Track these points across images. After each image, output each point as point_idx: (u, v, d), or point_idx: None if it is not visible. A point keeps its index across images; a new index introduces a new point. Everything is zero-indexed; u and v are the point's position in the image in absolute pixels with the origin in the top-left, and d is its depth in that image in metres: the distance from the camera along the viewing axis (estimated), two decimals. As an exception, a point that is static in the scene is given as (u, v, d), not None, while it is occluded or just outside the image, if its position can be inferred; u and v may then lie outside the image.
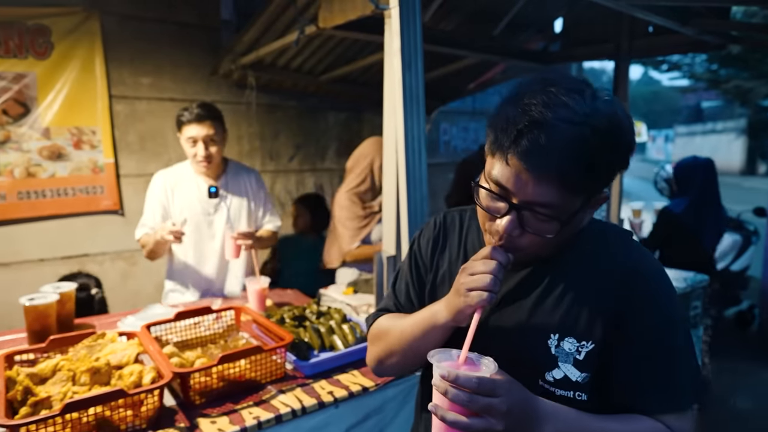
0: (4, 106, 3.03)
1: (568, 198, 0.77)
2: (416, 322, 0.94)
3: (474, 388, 0.71)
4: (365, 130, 4.72)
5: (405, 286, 1.07)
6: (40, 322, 1.67)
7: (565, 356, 0.85)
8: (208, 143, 2.19)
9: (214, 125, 2.20)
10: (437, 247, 1.04)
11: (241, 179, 2.39)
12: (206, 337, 1.74)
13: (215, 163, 2.25)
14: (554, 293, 0.88)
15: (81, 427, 1.12)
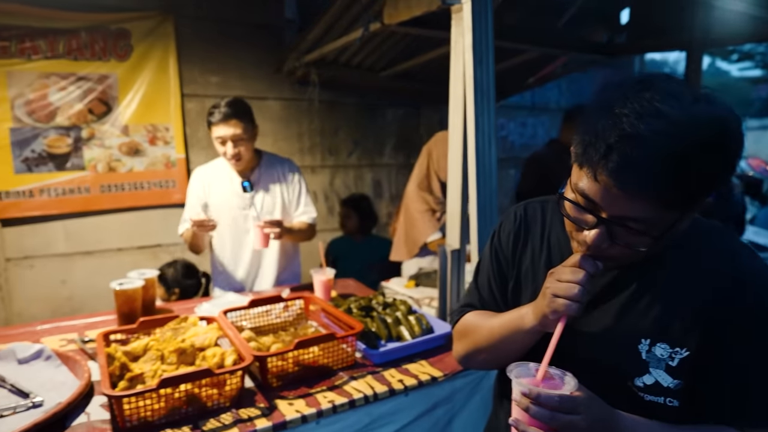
0: (90, 105, 3.24)
1: (663, 213, 0.72)
2: (504, 324, 0.93)
3: (555, 406, 0.71)
4: (422, 125, 4.72)
5: (487, 281, 1.06)
6: (129, 305, 1.79)
7: (657, 362, 0.82)
8: (236, 142, 2.20)
9: (242, 123, 2.19)
10: (519, 242, 1.02)
11: (274, 171, 2.40)
12: (277, 324, 1.81)
13: (245, 159, 2.27)
14: (646, 296, 0.84)
15: (173, 401, 1.20)
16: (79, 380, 1.34)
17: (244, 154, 2.24)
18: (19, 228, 3.22)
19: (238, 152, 2.21)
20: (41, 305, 3.38)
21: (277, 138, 4.01)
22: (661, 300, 0.83)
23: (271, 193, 2.36)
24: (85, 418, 1.21)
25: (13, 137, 3.06)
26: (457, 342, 1.07)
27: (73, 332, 1.80)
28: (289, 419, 1.22)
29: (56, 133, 3.18)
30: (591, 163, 0.73)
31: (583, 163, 0.75)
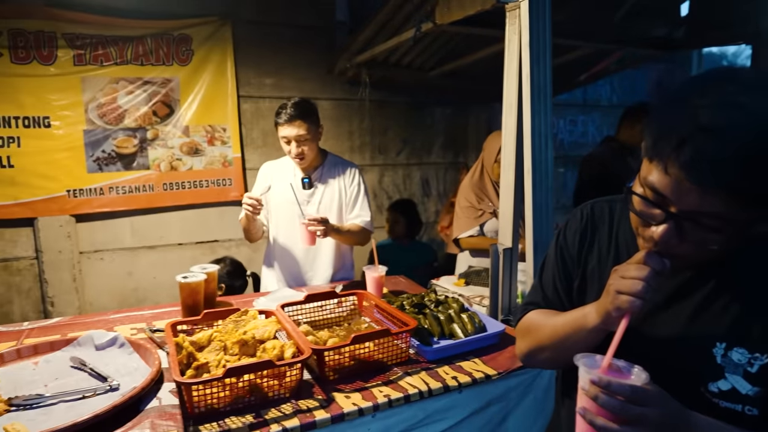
0: (154, 107, 3.40)
1: (738, 210, 0.68)
2: (567, 322, 0.92)
3: (627, 396, 0.69)
4: (471, 124, 4.68)
5: (552, 280, 1.05)
6: (192, 297, 1.87)
7: (734, 367, 0.78)
8: (300, 142, 2.27)
9: (306, 124, 2.25)
10: (585, 241, 1.00)
11: (336, 172, 2.44)
12: (331, 319, 1.84)
13: (308, 159, 2.33)
14: (722, 298, 0.81)
15: (237, 390, 1.25)
16: (150, 367, 1.42)
17: (308, 153, 2.31)
18: (90, 224, 3.42)
19: (302, 151, 2.29)
20: (110, 295, 3.58)
21: (327, 137, 4.07)
22: (739, 303, 0.79)
23: (330, 192, 2.41)
24: (156, 403, 1.27)
25: (86, 138, 3.25)
26: (520, 339, 1.07)
27: (142, 322, 1.89)
28: (347, 411, 1.25)
29: (124, 134, 3.35)
30: (662, 156, 0.71)
31: (653, 157, 0.73)
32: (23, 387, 1.34)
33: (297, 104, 2.28)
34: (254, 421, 1.20)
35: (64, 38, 3.10)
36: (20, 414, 1.21)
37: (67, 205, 3.26)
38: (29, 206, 3.18)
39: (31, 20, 3.01)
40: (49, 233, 3.28)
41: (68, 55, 3.13)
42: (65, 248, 3.33)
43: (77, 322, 1.91)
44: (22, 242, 3.30)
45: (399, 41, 2.93)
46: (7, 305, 3.34)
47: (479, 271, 2.65)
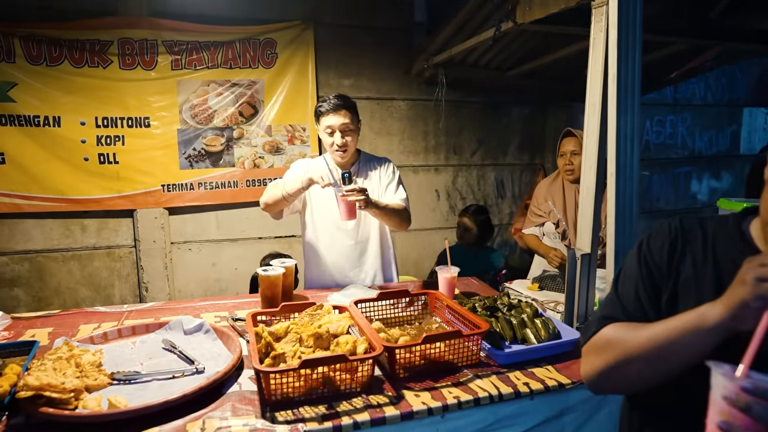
0: (241, 108, 3.58)
1: None
2: (672, 327, 0.83)
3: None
4: (549, 124, 4.53)
5: (634, 291, 0.97)
6: (271, 290, 1.95)
7: None
8: (345, 132, 2.20)
9: (350, 114, 2.21)
10: (675, 252, 0.94)
11: (372, 167, 2.39)
12: (402, 317, 1.86)
13: (350, 152, 2.27)
14: None
15: (311, 381, 1.29)
16: (232, 354, 1.50)
17: (351, 145, 2.25)
18: (181, 216, 3.67)
19: (346, 142, 2.22)
20: (196, 283, 3.82)
21: (404, 137, 4.10)
22: None
23: (368, 185, 2.33)
24: (237, 388, 1.34)
25: (179, 137, 3.49)
26: (593, 357, 0.98)
27: (225, 310, 2.00)
28: (416, 410, 1.25)
29: (213, 133, 3.56)
30: None
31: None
32: (123, 363, 1.47)
33: (341, 95, 2.25)
34: (327, 412, 1.23)
35: (164, 45, 3.35)
36: (121, 388, 1.32)
37: (161, 199, 3.52)
38: (130, 199, 3.46)
39: (137, 30, 3.29)
40: (145, 224, 3.55)
41: (167, 61, 3.37)
42: (159, 238, 3.59)
43: (168, 308, 2.05)
44: (123, 232, 3.60)
45: (478, 41, 2.89)
46: (109, 288, 3.66)
47: (554, 275, 2.56)
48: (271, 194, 2.24)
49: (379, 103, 3.99)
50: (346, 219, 2.11)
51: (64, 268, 3.54)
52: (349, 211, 2.08)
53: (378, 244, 2.38)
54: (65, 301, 3.56)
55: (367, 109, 3.95)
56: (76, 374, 1.32)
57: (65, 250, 3.52)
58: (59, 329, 1.78)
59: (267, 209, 2.31)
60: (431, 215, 4.32)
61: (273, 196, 2.22)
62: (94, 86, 3.25)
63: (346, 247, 2.36)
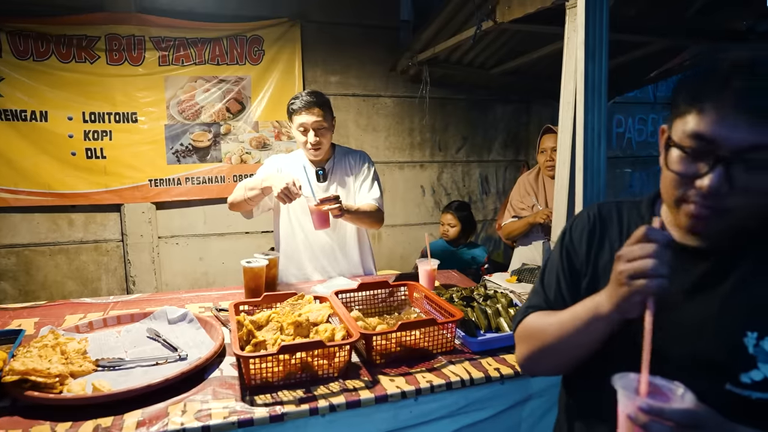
0: (228, 104, 3.60)
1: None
2: (576, 314, 0.87)
3: (679, 421, 0.65)
4: (533, 121, 4.60)
5: (555, 281, 1.00)
6: (255, 281, 1.99)
7: (766, 356, 0.74)
8: (318, 130, 2.17)
9: (323, 112, 2.16)
10: (594, 239, 0.96)
11: (346, 161, 2.35)
12: (382, 308, 1.90)
13: (323, 149, 2.23)
14: (750, 285, 0.77)
15: (290, 366, 1.33)
16: (215, 342, 1.54)
17: (324, 143, 2.21)
18: (168, 211, 3.69)
19: (319, 141, 2.19)
20: (183, 278, 3.84)
21: (389, 133, 4.14)
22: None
23: (343, 182, 2.33)
24: (219, 373, 1.39)
25: (166, 132, 3.50)
26: (520, 344, 1.02)
27: (209, 302, 2.04)
28: (390, 393, 1.30)
29: (200, 129, 3.58)
30: (704, 99, 0.72)
31: (693, 105, 0.74)
32: (108, 351, 1.50)
33: (314, 92, 2.21)
34: (304, 395, 1.27)
35: (151, 41, 3.36)
36: (105, 374, 1.36)
37: (149, 194, 3.53)
38: (117, 193, 3.48)
39: (125, 26, 3.30)
40: (133, 218, 3.57)
41: (154, 57, 3.39)
42: (146, 233, 3.61)
43: (154, 299, 2.08)
44: (110, 226, 3.61)
45: (460, 39, 2.94)
46: (96, 282, 3.67)
47: (532, 269, 2.62)
48: (236, 195, 2.23)
49: (366, 99, 4.03)
50: (318, 228, 2.10)
51: (51, 262, 3.55)
52: (322, 220, 2.06)
53: (356, 238, 2.39)
54: (52, 295, 3.57)
55: (354, 105, 3.99)
56: (61, 361, 1.36)
57: (52, 244, 3.52)
58: (45, 319, 1.80)
59: (232, 209, 2.31)
60: (417, 211, 4.37)
61: (237, 197, 2.22)
62: (82, 81, 3.26)
63: (324, 243, 2.34)
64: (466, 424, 1.40)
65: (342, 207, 2.02)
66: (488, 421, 1.42)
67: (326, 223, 2.08)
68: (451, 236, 3.50)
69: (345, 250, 2.37)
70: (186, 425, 1.14)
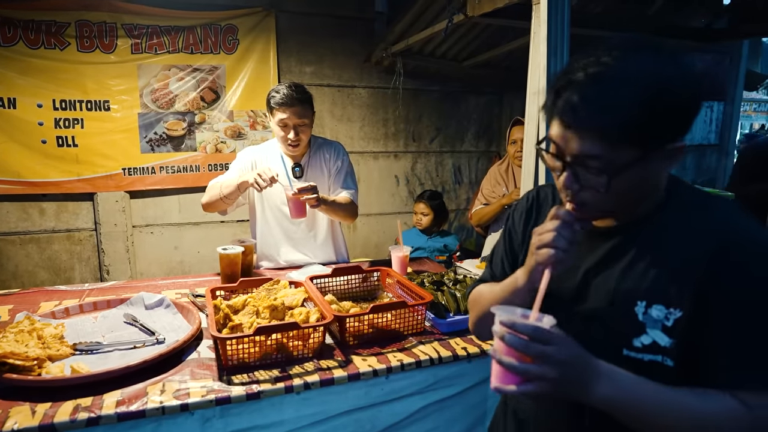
0: (202, 93, 3.58)
1: (612, 150, 0.75)
2: (503, 287, 0.98)
3: (530, 335, 0.74)
4: (505, 113, 4.68)
5: (500, 259, 1.11)
6: (231, 268, 2.02)
7: (653, 323, 0.83)
8: (299, 127, 2.13)
9: (304, 109, 2.12)
10: (530, 220, 1.05)
11: (321, 155, 2.32)
12: (356, 293, 1.96)
13: (302, 146, 2.21)
14: (643, 260, 0.86)
15: (266, 347, 1.38)
16: (192, 326, 1.57)
17: (304, 140, 2.19)
18: (142, 200, 3.65)
19: (299, 138, 2.16)
20: (158, 266, 3.82)
21: (364, 123, 4.17)
22: (656, 262, 0.84)
23: (319, 176, 2.31)
24: (196, 356, 1.42)
25: (140, 121, 3.46)
26: (470, 312, 1.13)
27: (186, 288, 2.06)
28: (362, 371, 1.36)
29: (174, 117, 3.55)
30: (549, 110, 0.82)
31: (546, 113, 0.84)
32: (85, 336, 1.52)
33: (296, 88, 2.12)
34: (280, 375, 1.32)
35: (123, 29, 3.30)
36: (83, 357, 1.38)
37: (122, 182, 3.50)
38: (90, 182, 3.43)
39: (96, 12, 3.23)
40: (106, 207, 3.53)
41: (127, 44, 3.34)
42: (120, 222, 3.57)
43: (130, 286, 2.09)
44: (83, 215, 3.56)
45: (432, 32, 2.99)
46: (70, 271, 3.62)
47: (501, 255, 2.71)
48: (210, 195, 2.18)
49: (340, 90, 4.05)
50: (295, 217, 2.10)
51: (22, 251, 3.48)
52: (299, 209, 2.06)
53: (329, 228, 2.41)
54: (23, 284, 3.51)
55: (329, 96, 4.01)
56: (38, 346, 1.37)
57: (23, 233, 3.46)
58: (20, 306, 1.80)
59: (207, 210, 2.27)
60: (391, 200, 4.43)
61: (212, 197, 2.17)
62: (51, 68, 3.19)
63: (299, 233, 2.35)
64: (434, 401, 1.47)
65: (319, 197, 2.02)
66: (456, 398, 1.50)
67: (303, 213, 2.08)
68: (424, 225, 3.56)
69: (319, 239, 2.40)
70: (165, 403, 1.18)
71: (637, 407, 0.77)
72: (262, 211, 2.35)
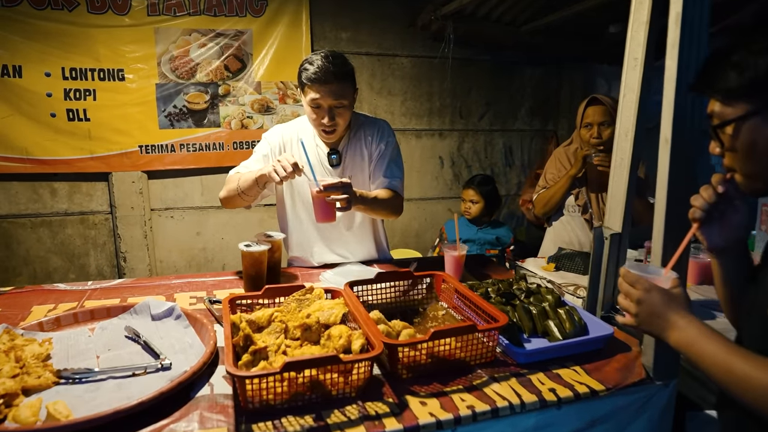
0: (226, 61, 3.30)
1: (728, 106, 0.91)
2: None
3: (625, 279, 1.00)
4: (564, 87, 4.26)
5: None
6: (255, 268, 1.75)
7: None
8: (335, 109, 1.79)
9: (343, 87, 1.77)
10: None
11: (362, 136, 1.98)
12: (403, 301, 1.66)
13: (340, 131, 1.88)
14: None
15: (297, 386, 1.10)
16: (205, 345, 1.30)
17: (341, 125, 1.85)
18: (161, 181, 3.43)
19: (336, 123, 1.82)
20: (179, 254, 3.62)
21: (406, 97, 3.84)
22: None
23: (358, 164, 1.99)
24: (208, 390, 1.15)
25: (158, 93, 3.22)
26: None
27: (203, 290, 1.81)
28: (423, 423, 1.06)
29: (195, 89, 3.29)
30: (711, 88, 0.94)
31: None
32: (76, 356, 1.28)
33: (334, 59, 1.76)
34: (314, 424, 1.04)
35: (138, -13, 3.04)
36: (69, 388, 1.13)
37: (139, 161, 3.28)
38: (104, 160, 3.22)
39: (106, -32, 2.98)
40: (122, 188, 3.32)
41: (142, 5, 3.08)
42: (137, 204, 3.37)
43: (139, 285, 1.85)
44: (98, 197, 3.37)
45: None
46: (84, 257, 3.45)
47: (572, 254, 2.36)
48: (228, 189, 1.90)
49: (380, 59, 3.71)
50: (321, 221, 1.75)
51: (33, 236, 3.32)
52: (326, 212, 1.69)
53: (369, 221, 2.12)
54: (35, 271, 3.36)
55: (367, 66, 3.68)
56: (14, 370, 1.13)
57: (33, 216, 3.29)
58: (8, 310, 1.58)
59: (226, 206, 1.97)
60: (434, 184, 4.10)
61: (231, 191, 1.89)
62: (60, 32, 2.97)
63: (335, 231, 2.06)
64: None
65: (351, 198, 1.65)
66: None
67: (331, 216, 1.71)
68: (473, 214, 3.22)
69: (357, 232, 2.09)
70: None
71: (695, 359, 0.90)
72: (292, 205, 2.07)
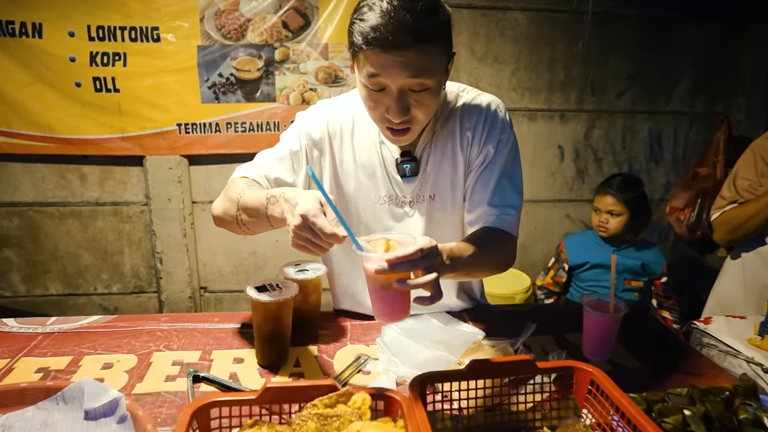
0: (285, 17, 2.76)
1: None
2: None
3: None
4: (745, 52, 3.28)
5: None
6: (269, 324, 1.16)
7: None
8: (412, 96, 1.12)
9: (428, 56, 1.07)
10: None
11: (456, 128, 1.32)
12: (516, 414, 0.99)
13: (417, 131, 1.22)
14: None
15: None
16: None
17: (423, 120, 1.18)
18: (205, 167, 3.00)
19: (412, 118, 1.15)
20: (225, 257, 3.19)
21: (518, 66, 3.10)
22: None
23: (450, 175, 1.34)
24: None
25: (200, 57, 2.75)
26: None
27: (198, 348, 1.26)
28: None
29: (246, 53, 2.78)
30: None
31: None
32: None
33: (407, 5, 1.02)
34: None
35: None
36: None
37: (177, 143, 2.84)
38: (136, 141, 2.82)
39: None
40: (157, 176, 2.92)
41: (183, -54, 2.60)
42: (175, 196, 2.95)
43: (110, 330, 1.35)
44: (132, 184, 2.99)
45: None
46: (118, 256, 3.11)
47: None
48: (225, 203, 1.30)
49: (485, 14, 2.99)
50: (388, 318, 1.02)
51: (62, 228, 3.01)
52: (395, 303, 0.98)
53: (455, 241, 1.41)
54: (65, 269, 3.07)
55: (467, 22, 2.98)
56: None
57: (62, 205, 2.98)
58: None
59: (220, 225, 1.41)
60: (549, 181, 3.32)
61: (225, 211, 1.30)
62: (85, -19, 2.57)
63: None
64: None
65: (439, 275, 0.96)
66: None
67: (401, 311, 0.99)
68: (612, 231, 2.44)
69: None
70: None
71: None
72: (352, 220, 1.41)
